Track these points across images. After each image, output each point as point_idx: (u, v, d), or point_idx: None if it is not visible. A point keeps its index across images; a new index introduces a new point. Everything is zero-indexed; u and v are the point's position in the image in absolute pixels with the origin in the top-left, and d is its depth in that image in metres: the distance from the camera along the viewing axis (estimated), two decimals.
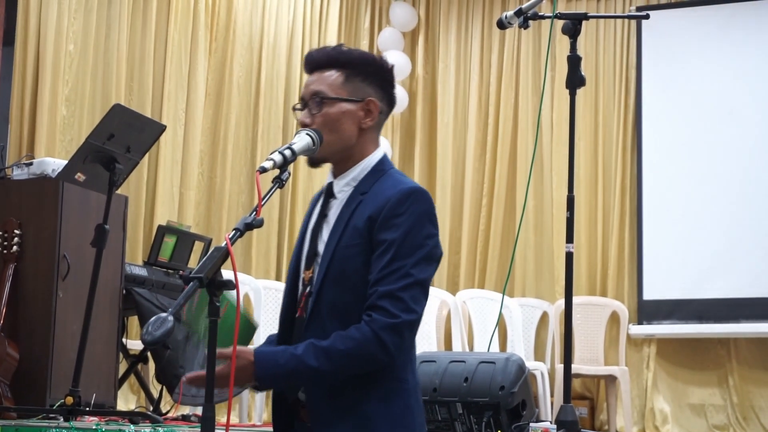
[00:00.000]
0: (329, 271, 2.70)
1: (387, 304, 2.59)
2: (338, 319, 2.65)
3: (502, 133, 9.29)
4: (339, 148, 2.78)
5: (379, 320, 2.59)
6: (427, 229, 2.69)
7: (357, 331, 2.59)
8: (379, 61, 2.85)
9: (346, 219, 2.73)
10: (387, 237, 2.65)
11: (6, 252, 5.30)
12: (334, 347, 2.58)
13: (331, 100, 2.76)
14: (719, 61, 8.76)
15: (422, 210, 2.69)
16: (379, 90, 2.81)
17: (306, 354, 2.58)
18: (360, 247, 2.68)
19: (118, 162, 5.09)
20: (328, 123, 2.76)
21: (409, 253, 2.64)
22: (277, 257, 8.71)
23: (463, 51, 9.64)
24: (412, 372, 2.72)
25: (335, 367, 2.58)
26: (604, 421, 8.50)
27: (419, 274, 2.64)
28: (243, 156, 8.61)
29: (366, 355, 2.58)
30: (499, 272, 8.98)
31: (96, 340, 5.35)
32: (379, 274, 2.63)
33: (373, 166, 2.80)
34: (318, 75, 2.80)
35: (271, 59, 8.82)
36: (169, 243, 6.22)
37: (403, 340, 2.62)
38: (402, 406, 2.66)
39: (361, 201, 2.74)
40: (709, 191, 8.59)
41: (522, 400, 4.30)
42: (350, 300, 2.66)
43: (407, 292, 2.61)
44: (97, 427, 4.55)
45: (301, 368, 2.57)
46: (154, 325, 2.34)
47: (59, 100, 7.24)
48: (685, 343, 8.62)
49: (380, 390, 2.64)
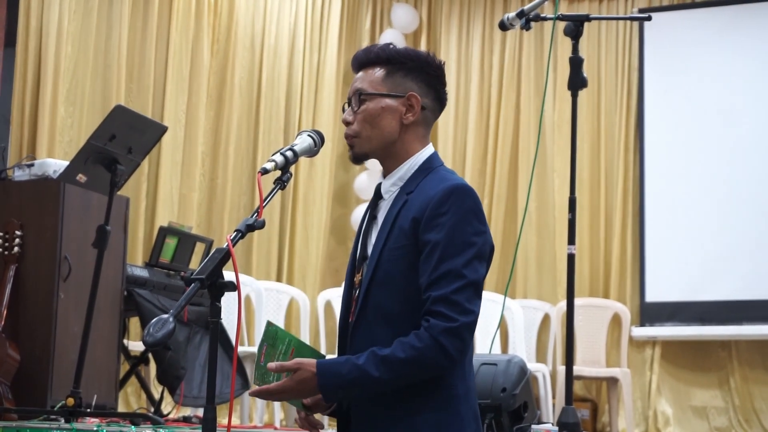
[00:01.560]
0: (375, 274, 2.66)
1: (443, 308, 2.54)
2: (385, 322, 2.61)
3: (503, 135, 9.29)
4: (380, 144, 2.74)
5: (438, 325, 2.53)
6: (474, 226, 2.62)
7: (416, 337, 2.54)
8: (425, 56, 2.79)
9: (392, 220, 2.69)
10: (432, 238, 2.60)
11: (7, 253, 5.30)
12: (395, 356, 2.53)
13: (371, 95, 2.74)
14: (721, 62, 8.76)
15: (467, 207, 2.62)
16: (424, 86, 2.76)
17: (367, 363, 2.53)
18: (405, 249, 2.63)
19: (120, 163, 5.09)
20: (368, 119, 2.73)
21: (456, 252, 2.58)
22: (278, 259, 8.71)
23: (465, 52, 9.63)
24: (462, 378, 2.64)
25: (397, 375, 2.53)
26: (605, 423, 8.49)
27: (471, 274, 2.58)
28: (244, 157, 8.61)
29: (428, 362, 2.53)
30: (500, 274, 8.97)
31: (97, 342, 5.34)
32: (429, 277, 2.58)
33: (421, 164, 2.74)
34: (362, 73, 2.78)
35: (273, 60, 8.82)
36: (171, 244, 6.22)
37: (464, 343, 2.56)
38: (452, 414, 2.60)
39: (406, 201, 2.69)
40: (711, 193, 8.58)
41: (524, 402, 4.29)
42: (397, 303, 2.62)
43: (461, 294, 2.55)
44: (98, 428, 4.54)
45: (363, 378, 2.53)
46: (155, 326, 2.34)
47: (59, 101, 7.24)
48: (687, 345, 8.61)
49: (428, 399, 2.59)
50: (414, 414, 2.59)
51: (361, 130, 2.74)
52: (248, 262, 8.41)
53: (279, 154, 2.70)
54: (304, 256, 8.87)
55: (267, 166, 2.67)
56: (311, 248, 8.91)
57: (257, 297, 7.39)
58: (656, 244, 8.68)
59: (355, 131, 2.75)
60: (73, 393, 4.89)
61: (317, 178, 8.99)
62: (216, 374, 2.47)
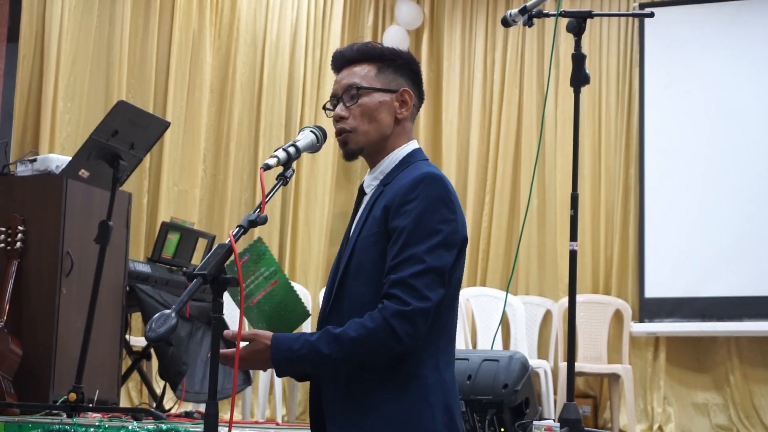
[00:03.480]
0: (350, 264, 2.69)
1: (399, 291, 2.56)
2: (358, 311, 2.62)
3: (505, 131, 9.28)
4: (375, 139, 2.77)
5: (390, 307, 2.55)
6: (441, 213, 2.64)
7: (369, 318, 2.56)
8: (408, 54, 2.84)
9: (367, 211, 2.72)
10: (399, 224, 2.62)
11: (9, 248, 5.30)
12: (346, 334, 2.55)
13: (367, 90, 2.76)
14: (722, 58, 8.75)
15: (435, 195, 2.64)
16: (411, 82, 2.81)
17: (319, 340, 2.56)
18: (376, 236, 2.66)
19: (122, 159, 5.10)
20: (366, 113, 2.75)
21: (421, 239, 2.60)
22: (279, 254, 8.71)
23: (468, 49, 9.63)
24: (435, 368, 2.64)
25: (346, 354, 2.55)
26: (607, 420, 8.50)
27: (433, 261, 2.59)
28: (246, 153, 8.61)
29: (376, 343, 2.55)
30: (502, 270, 8.98)
31: (99, 337, 5.35)
32: (392, 262, 2.60)
33: (403, 158, 2.78)
34: (348, 71, 2.80)
35: (275, 57, 8.82)
36: (173, 240, 6.22)
37: (416, 329, 2.56)
38: (418, 402, 2.60)
39: (382, 191, 2.72)
40: (712, 189, 8.58)
41: (525, 398, 4.29)
42: (369, 291, 2.64)
43: (420, 280, 2.57)
44: (100, 423, 4.54)
45: (313, 354, 2.56)
46: (157, 321, 2.34)
47: (60, 96, 7.24)
48: (688, 341, 8.61)
49: (390, 383, 2.60)
50: (381, 402, 2.60)
51: (359, 125, 2.76)
52: None
53: (281, 150, 2.71)
54: (306, 252, 8.87)
55: (269, 162, 2.68)
56: (313, 244, 8.91)
57: None
58: (657, 240, 8.67)
59: (351, 126, 2.76)
60: (75, 388, 4.90)
61: (319, 174, 8.99)
62: (218, 370, 2.48)
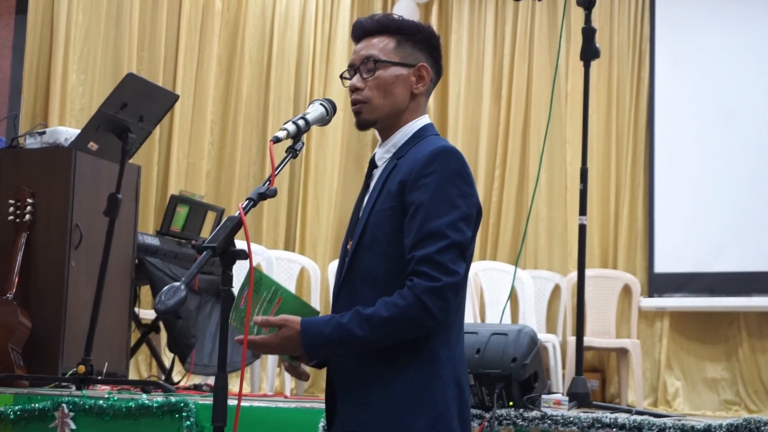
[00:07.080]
0: (363, 238, 2.67)
1: (427, 268, 2.54)
2: (371, 285, 2.62)
3: (515, 106, 9.25)
4: (389, 112, 2.75)
5: (421, 284, 2.53)
6: (459, 187, 2.64)
7: (400, 296, 2.54)
8: (428, 29, 2.82)
9: (381, 184, 2.70)
10: (416, 199, 2.60)
11: (18, 221, 5.31)
12: (378, 314, 2.53)
13: (385, 63, 2.74)
14: (733, 32, 8.70)
15: (452, 169, 2.64)
16: (429, 57, 2.79)
17: (351, 322, 2.54)
18: (392, 210, 2.64)
19: (131, 131, 5.10)
20: (382, 86, 2.74)
21: (441, 213, 2.59)
22: (287, 228, 8.71)
23: (477, 23, 9.58)
24: (446, 343, 2.63)
25: (380, 334, 2.54)
26: (615, 394, 8.50)
27: (455, 235, 2.58)
28: (254, 126, 8.59)
29: (410, 321, 2.53)
30: (511, 244, 8.96)
31: (108, 310, 5.36)
32: (414, 238, 2.58)
33: (415, 132, 2.76)
34: (367, 42, 2.78)
35: (283, 29, 8.79)
36: (182, 213, 6.23)
37: (447, 304, 2.55)
38: (429, 377, 2.59)
39: (396, 165, 2.70)
40: (721, 164, 8.55)
41: (534, 372, 4.29)
42: (383, 266, 2.63)
43: (445, 255, 2.55)
44: (109, 395, 4.56)
45: (346, 337, 2.54)
46: (166, 294, 2.35)
47: (71, 69, 7.23)
48: (697, 316, 8.60)
49: (401, 358, 2.59)
50: (392, 377, 2.59)
51: (373, 97, 2.74)
52: (258, 231, 8.41)
53: (291, 123, 2.71)
54: (315, 225, 8.86)
55: (279, 134, 2.68)
56: (322, 218, 8.90)
57: (268, 266, 7.39)
58: (666, 215, 8.65)
59: (366, 97, 2.75)
60: (84, 360, 4.92)
61: (328, 147, 8.97)
62: (227, 343, 2.48)
